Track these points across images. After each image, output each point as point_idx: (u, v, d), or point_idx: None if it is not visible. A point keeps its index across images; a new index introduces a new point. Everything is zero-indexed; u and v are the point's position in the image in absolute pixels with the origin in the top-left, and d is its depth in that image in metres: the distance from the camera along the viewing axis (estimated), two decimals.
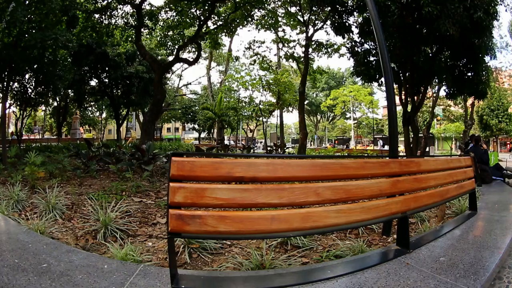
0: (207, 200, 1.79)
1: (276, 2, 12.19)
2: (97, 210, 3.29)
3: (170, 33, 12.57)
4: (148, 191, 5.13)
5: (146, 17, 11.98)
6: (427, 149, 11.99)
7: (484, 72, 8.78)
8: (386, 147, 29.45)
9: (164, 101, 14.00)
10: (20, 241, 2.63)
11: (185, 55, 13.50)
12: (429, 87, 12.57)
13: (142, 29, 12.04)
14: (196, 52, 12.53)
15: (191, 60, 13.25)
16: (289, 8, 12.45)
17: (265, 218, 1.84)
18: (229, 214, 1.86)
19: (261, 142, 35.89)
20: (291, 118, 66.05)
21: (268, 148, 13.66)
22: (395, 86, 18.07)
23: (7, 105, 10.61)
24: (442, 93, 12.33)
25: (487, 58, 8.78)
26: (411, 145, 9.75)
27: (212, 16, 11.57)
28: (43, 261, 2.24)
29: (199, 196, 1.80)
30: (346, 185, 2.07)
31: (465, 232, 3.23)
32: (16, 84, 11.92)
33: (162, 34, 12.96)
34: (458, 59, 9.03)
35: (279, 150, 12.13)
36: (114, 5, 11.88)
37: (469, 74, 9.12)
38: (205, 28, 12.24)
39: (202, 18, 11.35)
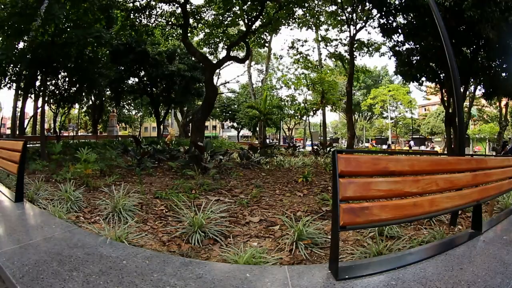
0: (373, 192, 2.08)
1: (316, 1, 12.46)
2: (184, 210, 3.06)
3: (213, 31, 12.83)
4: (219, 189, 4.95)
5: (191, 16, 12.17)
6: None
7: None
8: (414, 148, 29.81)
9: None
10: (105, 256, 2.06)
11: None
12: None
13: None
14: (245, 50, 12.90)
15: (241, 58, 13.64)
16: (329, 7, 12.76)
17: (409, 205, 2.25)
18: (388, 203, 2.22)
19: (291, 140, 35.21)
20: (329, 117, 65.70)
21: (315, 148, 13.81)
22: (433, 85, 18.14)
23: (41, 102, 10.52)
24: (477, 93, 12.60)
25: None
26: (453, 146, 10.07)
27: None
28: (160, 284, 1.74)
29: (366, 189, 2.07)
30: (451, 177, 2.78)
31: None
32: (52, 81, 11.69)
33: (205, 33, 13.22)
34: (494, 60, 9.44)
35: (325, 149, 12.17)
36: (154, 3, 11.88)
37: (504, 74, 9.54)
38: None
39: (251, 17, 11.52)
